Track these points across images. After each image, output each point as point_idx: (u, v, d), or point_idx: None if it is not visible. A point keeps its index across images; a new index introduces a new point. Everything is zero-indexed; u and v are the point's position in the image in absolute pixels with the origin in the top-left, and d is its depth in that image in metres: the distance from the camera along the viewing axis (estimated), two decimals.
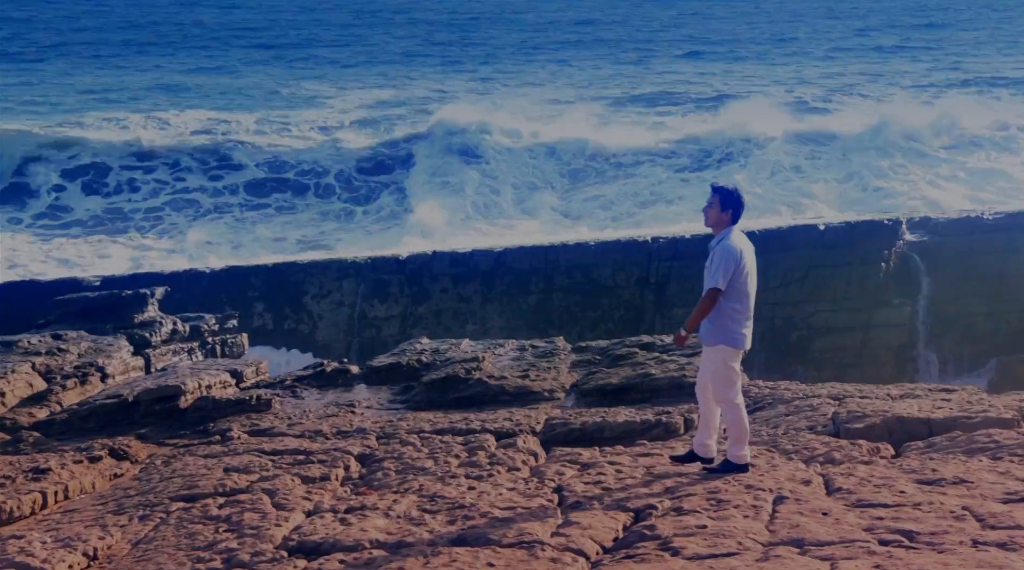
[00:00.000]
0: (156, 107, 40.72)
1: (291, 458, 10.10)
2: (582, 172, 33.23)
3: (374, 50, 60.17)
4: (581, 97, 44.24)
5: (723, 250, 8.36)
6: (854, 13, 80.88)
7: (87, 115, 38.54)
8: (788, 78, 50.09)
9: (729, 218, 8.47)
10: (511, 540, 7.45)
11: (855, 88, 47.36)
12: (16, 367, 13.06)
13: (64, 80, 47.15)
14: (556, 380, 12.41)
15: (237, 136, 35.31)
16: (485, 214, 29.95)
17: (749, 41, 64.68)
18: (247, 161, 33.26)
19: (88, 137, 34.46)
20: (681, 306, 20.73)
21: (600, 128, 36.76)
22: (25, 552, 7.75)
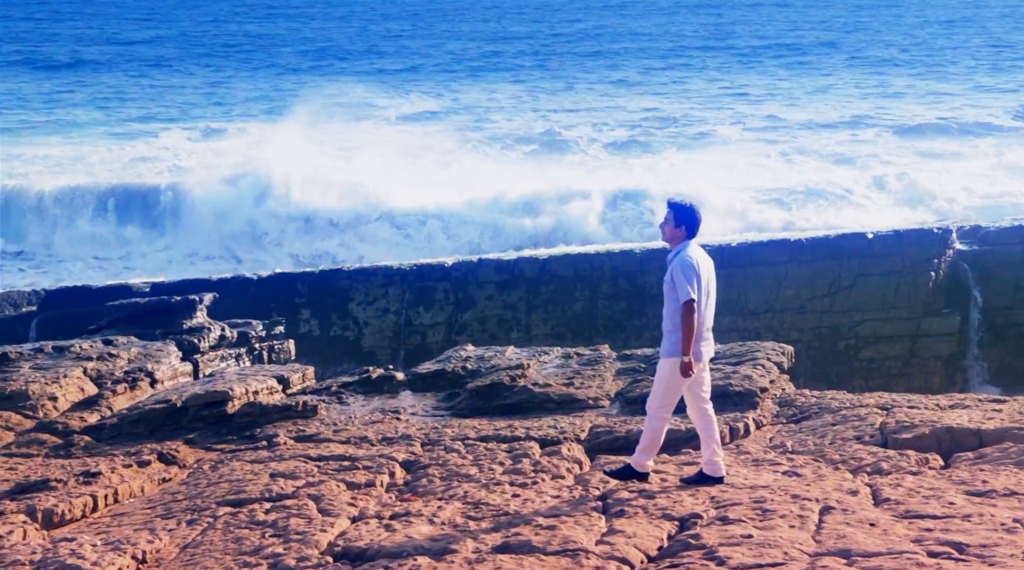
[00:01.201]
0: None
1: (336, 464, 10.16)
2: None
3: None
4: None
5: (680, 264, 8.43)
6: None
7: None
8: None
9: (684, 233, 8.54)
10: (555, 548, 7.45)
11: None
12: (68, 372, 13.26)
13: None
14: (601, 388, 12.39)
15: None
16: None
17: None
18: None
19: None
20: (727, 314, 20.61)
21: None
22: (76, 554, 7.86)
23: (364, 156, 33.59)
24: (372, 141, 36.29)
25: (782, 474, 9.02)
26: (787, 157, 35.57)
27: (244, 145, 36.74)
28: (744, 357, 12.79)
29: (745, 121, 41.73)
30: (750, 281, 20.86)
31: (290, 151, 32.78)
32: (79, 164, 35.06)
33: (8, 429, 11.94)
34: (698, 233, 8.59)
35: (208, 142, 38.84)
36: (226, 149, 36.66)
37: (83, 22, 73.30)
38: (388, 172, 31.75)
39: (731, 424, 10.73)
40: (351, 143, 36.34)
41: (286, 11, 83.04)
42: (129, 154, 36.91)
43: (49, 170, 34.06)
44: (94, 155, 36.47)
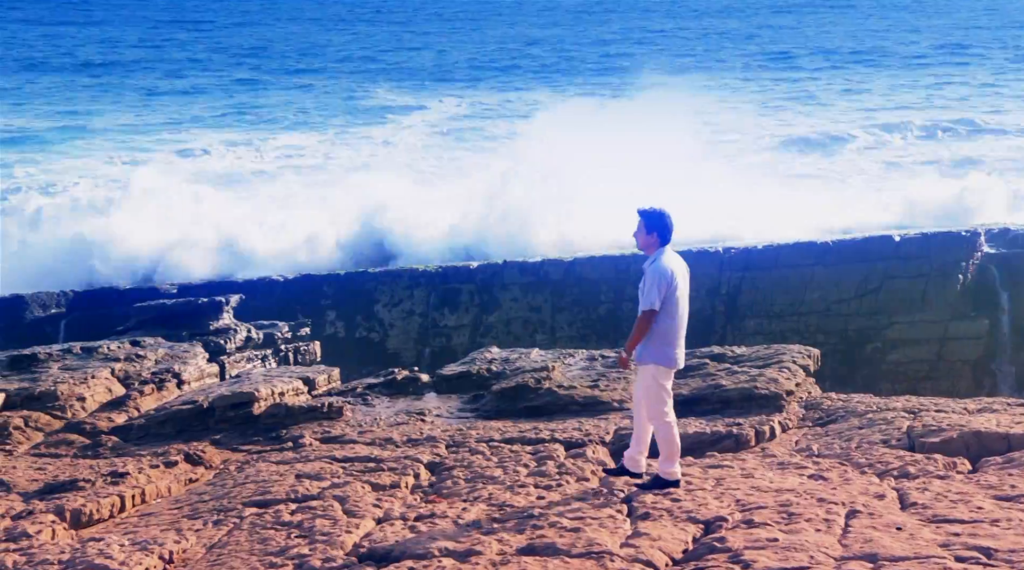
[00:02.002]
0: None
1: (362, 465, 10.20)
2: None
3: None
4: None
5: (654, 271, 8.46)
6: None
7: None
8: None
9: (656, 240, 8.59)
10: (580, 550, 7.45)
11: None
12: (96, 372, 13.37)
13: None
14: (626, 390, 12.36)
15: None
16: None
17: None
18: None
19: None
20: (753, 317, 20.55)
21: None
22: (104, 554, 7.92)
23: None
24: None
25: (808, 477, 8.98)
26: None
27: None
28: (770, 360, 12.75)
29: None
30: (776, 284, 20.79)
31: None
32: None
33: (37, 429, 12.05)
34: (671, 239, 8.64)
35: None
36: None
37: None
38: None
39: (756, 427, 10.69)
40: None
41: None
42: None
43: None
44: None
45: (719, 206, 25.25)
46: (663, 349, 8.49)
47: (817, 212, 26.10)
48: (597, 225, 24.10)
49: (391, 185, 29.04)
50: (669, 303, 8.44)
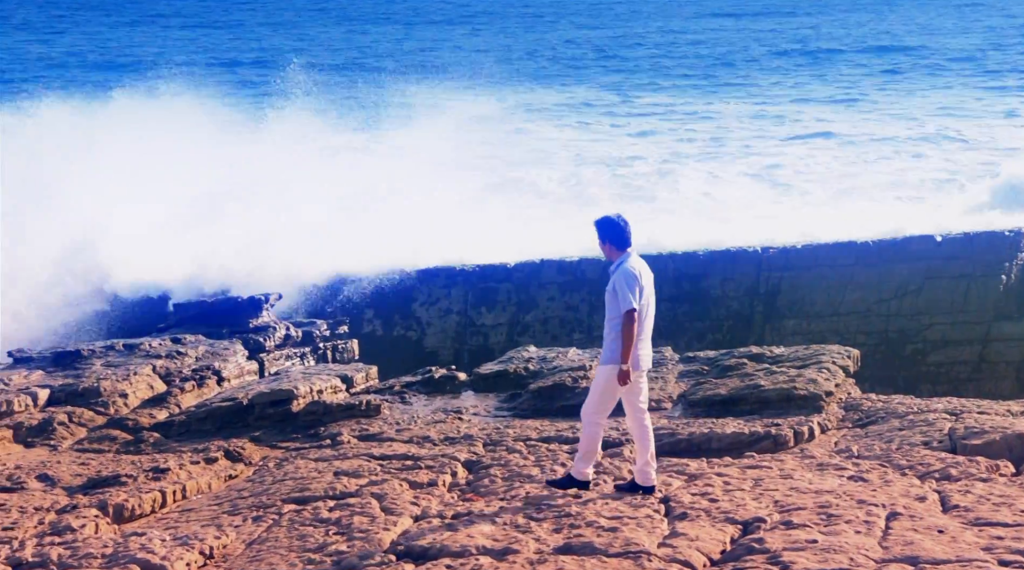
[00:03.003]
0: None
1: (399, 463, 10.24)
2: None
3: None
4: None
5: (621, 274, 8.61)
6: None
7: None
8: None
9: (613, 247, 8.74)
10: (617, 550, 7.45)
11: None
12: (138, 369, 13.51)
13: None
14: (663, 390, 12.34)
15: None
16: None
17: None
18: None
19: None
20: (791, 317, 20.40)
21: None
22: (146, 549, 8.01)
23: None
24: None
25: (848, 479, 8.92)
26: None
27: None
28: (809, 360, 12.67)
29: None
30: (815, 284, 20.62)
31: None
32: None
33: (81, 425, 12.19)
34: (631, 242, 8.77)
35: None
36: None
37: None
38: None
39: (795, 428, 10.63)
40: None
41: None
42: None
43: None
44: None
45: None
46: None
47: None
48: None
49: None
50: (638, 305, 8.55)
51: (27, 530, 8.82)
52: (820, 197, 28.64)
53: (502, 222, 25.22)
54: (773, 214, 26.07)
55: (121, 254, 19.60)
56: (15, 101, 31.15)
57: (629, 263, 8.68)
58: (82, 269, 19.48)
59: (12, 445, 11.58)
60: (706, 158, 33.89)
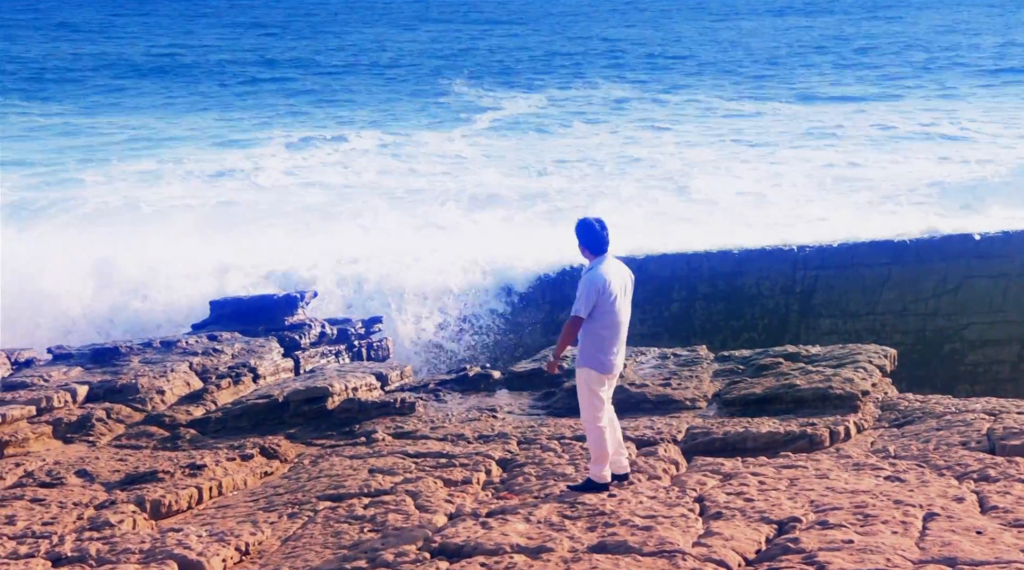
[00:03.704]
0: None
1: (434, 461, 10.27)
2: None
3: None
4: None
5: (585, 280, 8.67)
6: None
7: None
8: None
9: (588, 250, 8.77)
10: (652, 549, 7.43)
11: None
12: (175, 366, 13.63)
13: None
14: (698, 389, 12.30)
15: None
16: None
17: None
18: None
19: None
20: (827, 316, 20.28)
21: None
22: (182, 545, 8.09)
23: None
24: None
25: (884, 479, 8.85)
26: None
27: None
28: (845, 360, 12.58)
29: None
30: (851, 283, 20.49)
31: None
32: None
33: (119, 421, 12.31)
34: (607, 247, 8.76)
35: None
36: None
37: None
38: None
39: (831, 427, 10.56)
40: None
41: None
42: None
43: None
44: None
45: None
46: (597, 356, 8.67)
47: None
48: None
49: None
50: (602, 311, 8.65)
51: (66, 525, 8.93)
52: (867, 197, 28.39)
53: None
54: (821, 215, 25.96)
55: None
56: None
57: (599, 269, 8.72)
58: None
59: (52, 441, 11.71)
60: (754, 159, 33.71)
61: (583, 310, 8.59)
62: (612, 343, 8.71)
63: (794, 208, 27.16)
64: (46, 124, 40.69)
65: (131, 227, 24.20)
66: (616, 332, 8.73)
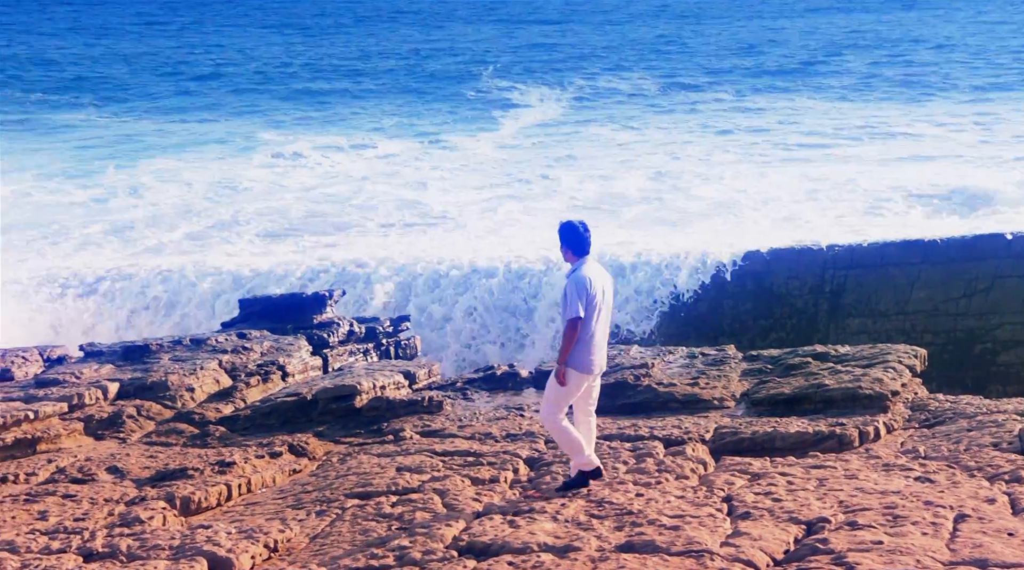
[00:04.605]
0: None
1: (461, 460, 10.29)
2: None
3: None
4: None
5: (572, 281, 8.73)
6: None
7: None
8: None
9: (571, 252, 8.85)
10: (679, 548, 7.42)
11: None
12: (205, 364, 13.71)
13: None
14: (726, 388, 12.26)
15: None
16: None
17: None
18: None
19: None
20: (857, 316, 20.15)
21: None
22: (212, 541, 8.14)
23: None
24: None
25: (914, 480, 8.79)
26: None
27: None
28: (875, 360, 12.50)
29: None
30: (881, 282, 20.34)
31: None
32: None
33: (149, 418, 12.41)
34: (589, 249, 8.84)
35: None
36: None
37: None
38: None
39: (860, 428, 10.49)
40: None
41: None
42: None
43: None
44: None
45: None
46: (578, 356, 8.71)
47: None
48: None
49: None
50: (586, 312, 8.67)
51: (97, 521, 9.01)
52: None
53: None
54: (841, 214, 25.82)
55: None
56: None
57: (583, 270, 8.78)
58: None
59: (83, 437, 11.82)
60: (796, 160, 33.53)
61: (580, 310, 8.65)
62: (592, 344, 8.79)
63: (827, 208, 27.04)
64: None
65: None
66: (596, 333, 8.81)
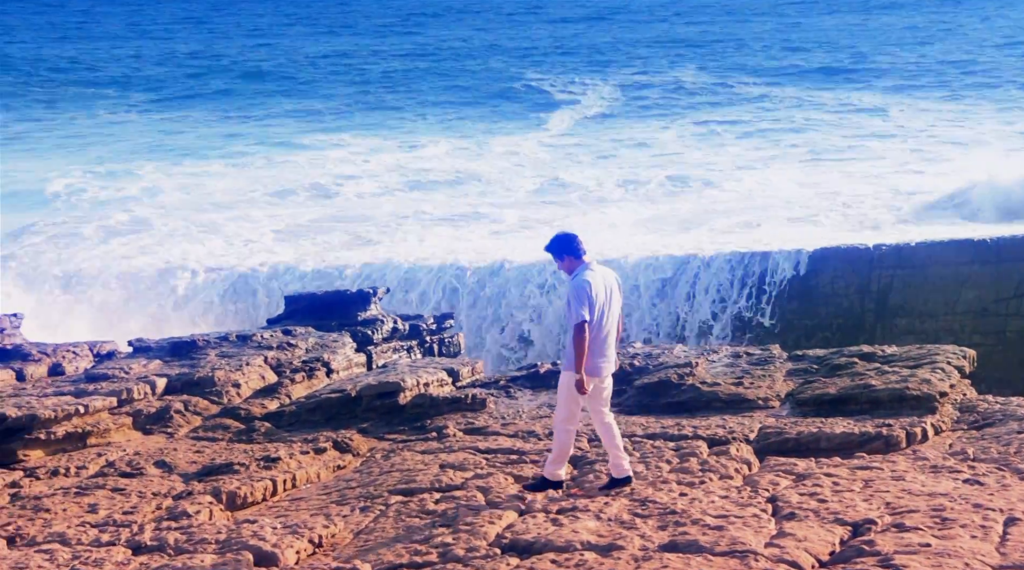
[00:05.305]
0: None
1: (504, 457, 10.30)
2: None
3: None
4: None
5: (574, 287, 8.77)
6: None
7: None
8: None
9: (569, 260, 8.91)
10: (723, 549, 7.38)
11: None
12: (250, 360, 13.82)
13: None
14: (771, 388, 12.17)
15: None
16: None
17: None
18: None
19: None
20: (904, 316, 19.93)
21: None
22: (257, 536, 8.22)
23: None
24: None
25: (963, 482, 8.69)
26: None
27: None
28: (922, 360, 12.36)
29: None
30: (930, 282, 20.11)
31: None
32: None
33: (196, 413, 12.53)
34: (584, 251, 8.87)
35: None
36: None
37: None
38: None
39: (908, 429, 10.38)
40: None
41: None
42: None
43: None
44: None
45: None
46: (588, 359, 8.70)
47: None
48: None
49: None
50: (592, 315, 8.69)
51: (145, 515, 9.12)
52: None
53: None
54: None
55: None
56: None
57: (584, 275, 8.81)
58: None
59: (132, 431, 11.96)
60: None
61: (586, 314, 8.67)
62: (601, 347, 8.82)
63: (875, 207, 26.81)
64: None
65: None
66: (601, 336, 8.83)
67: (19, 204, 30.54)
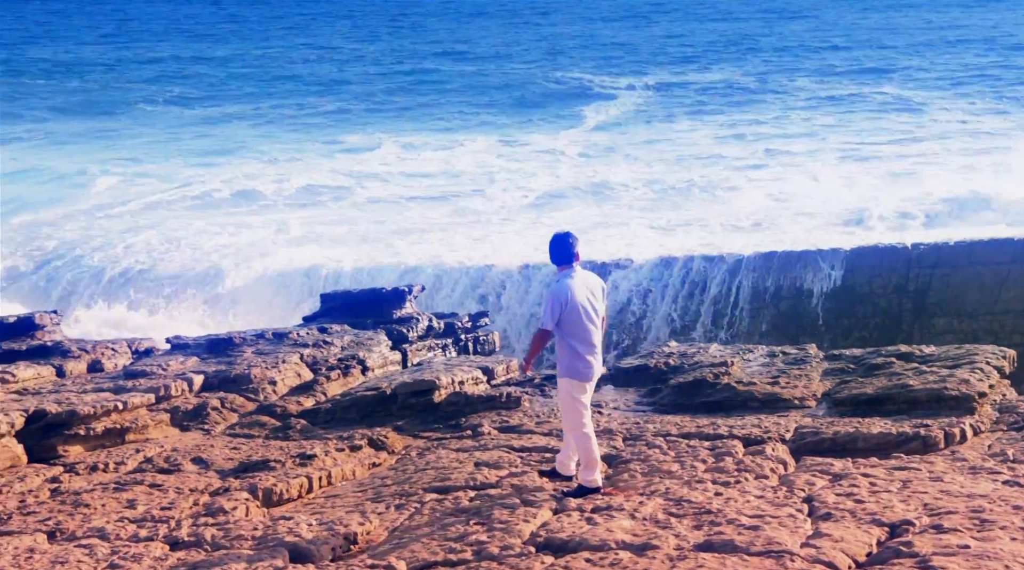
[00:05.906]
0: None
1: (539, 455, 10.30)
2: None
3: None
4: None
5: (549, 293, 8.93)
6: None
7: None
8: None
9: (554, 262, 9.04)
10: (759, 549, 7.34)
11: None
12: (287, 357, 13.91)
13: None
14: (807, 388, 12.09)
15: None
16: None
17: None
18: None
19: None
20: (943, 316, 19.74)
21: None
22: (293, 533, 8.27)
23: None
24: None
25: (1003, 483, 8.59)
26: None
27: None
28: (961, 360, 12.24)
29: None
30: (969, 281, 19.91)
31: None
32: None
33: (232, 410, 12.63)
34: (574, 258, 8.95)
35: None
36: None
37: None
38: None
39: (946, 429, 10.28)
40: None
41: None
42: None
43: None
44: None
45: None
46: (574, 364, 8.85)
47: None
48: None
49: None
50: (570, 321, 8.78)
51: (183, 510, 9.20)
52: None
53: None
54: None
55: None
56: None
57: (563, 281, 8.89)
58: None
59: (169, 428, 12.07)
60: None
61: (549, 323, 8.82)
62: (585, 351, 8.86)
63: (912, 207, 26.59)
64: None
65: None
66: (587, 341, 8.86)
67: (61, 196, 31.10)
